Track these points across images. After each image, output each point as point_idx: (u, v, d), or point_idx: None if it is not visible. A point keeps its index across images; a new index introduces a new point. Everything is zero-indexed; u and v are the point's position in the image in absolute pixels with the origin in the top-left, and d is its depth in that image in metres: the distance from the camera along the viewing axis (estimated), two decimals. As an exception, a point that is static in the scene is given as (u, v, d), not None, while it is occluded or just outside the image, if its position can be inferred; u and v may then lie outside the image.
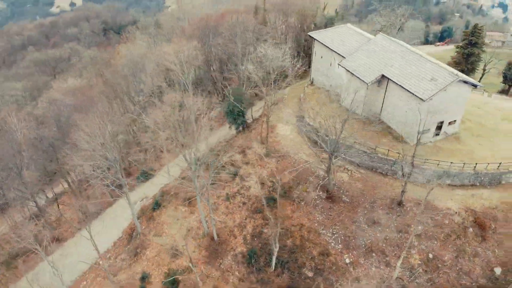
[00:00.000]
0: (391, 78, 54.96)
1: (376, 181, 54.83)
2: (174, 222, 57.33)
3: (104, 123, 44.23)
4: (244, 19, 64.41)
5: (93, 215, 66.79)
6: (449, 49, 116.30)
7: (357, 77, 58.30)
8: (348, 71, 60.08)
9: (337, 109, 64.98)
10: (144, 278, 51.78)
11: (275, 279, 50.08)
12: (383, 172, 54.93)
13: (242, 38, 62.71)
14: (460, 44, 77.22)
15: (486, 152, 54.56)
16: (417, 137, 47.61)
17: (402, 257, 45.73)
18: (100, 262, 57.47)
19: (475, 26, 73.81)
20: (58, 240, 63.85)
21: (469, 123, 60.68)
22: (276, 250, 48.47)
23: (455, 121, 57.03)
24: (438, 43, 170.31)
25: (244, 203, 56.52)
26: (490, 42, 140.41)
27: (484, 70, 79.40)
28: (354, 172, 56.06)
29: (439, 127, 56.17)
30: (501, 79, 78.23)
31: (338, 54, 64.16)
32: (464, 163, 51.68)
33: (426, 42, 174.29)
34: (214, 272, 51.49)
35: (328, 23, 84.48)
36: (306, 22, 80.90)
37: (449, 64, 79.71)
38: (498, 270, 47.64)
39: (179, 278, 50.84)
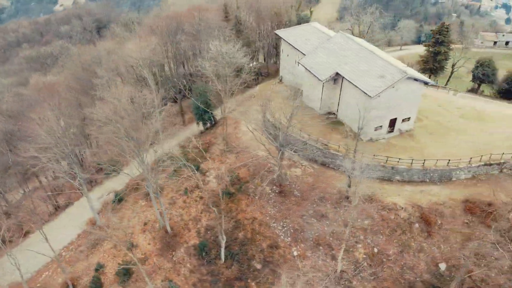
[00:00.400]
0: (344, 76, 55.87)
1: (327, 176, 55.82)
2: (132, 216, 58.66)
3: (56, 116, 45.55)
4: (209, 17, 65.50)
5: (62, 208, 68.65)
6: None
7: (313, 74, 59.25)
8: (306, 68, 61.04)
9: (298, 107, 66.14)
10: (98, 268, 53.12)
11: (224, 271, 51.20)
12: (334, 168, 55.89)
13: (205, 35, 63.87)
14: (428, 43, 77.88)
15: (437, 150, 55.31)
16: (357, 132, 48.42)
17: (342, 250, 46.68)
18: (63, 254, 59.18)
19: (442, 24, 74.34)
20: (27, 233, 65.65)
21: (426, 121, 61.45)
22: (223, 242, 49.66)
23: (409, 118, 57.76)
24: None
25: (201, 198, 57.72)
26: (482, 42, 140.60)
27: (453, 69, 79.91)
28: (308, 167, 57.07)
29: (392, 124, 56.94)
30: (471, 78, 78.80)
31: (301, 52, 65.14)
32: (412, 160, 52.50)
33: (418, 42, 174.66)
34: (166, 264, 52.72)
35: (302, 22, 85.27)
36: (278, 20, 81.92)
37: (418, 62, 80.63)
38: (443, 266, 48.36)
39: (132, 269, 52.25)
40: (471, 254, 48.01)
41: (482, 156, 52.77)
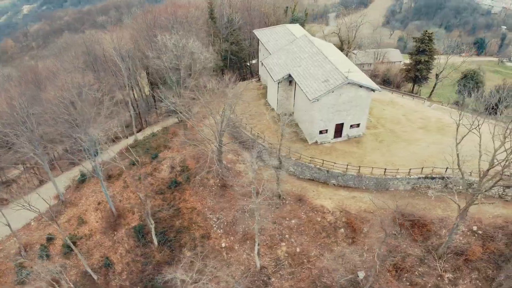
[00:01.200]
0: (294, 78, 56.75)
1: (267, 174, 56.98)
2: (90, 195, 63.03)
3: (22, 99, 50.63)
4: (184, 13, 68.29)
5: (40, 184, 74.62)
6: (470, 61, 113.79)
7: (270, 75, 60.56)
8: (266, 68, 62.41)
9: (261, 106, 67.80)
10: (49, 239, 57.95)
11: (156, 254, 54.18)
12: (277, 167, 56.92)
13: (181, 30, 66.80)
14: (411, 51, 75.98)
15: (379, 158, 54.83)
16: (281, 133, 49.32)
17: (257, 246, 47.99)
18: (32, 223, 64.80)
19: (425, 33, 72.28)
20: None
21: (382, 129, 60.79)
22: (152, 227, 52.61)
23: (358, 124, 57.55)
24: (462, 54, 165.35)
25: (151, 184, 60.97)
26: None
27: (437, 79, 77.33)
28: (252, 164, 58.47)
29: (339, 129, 57.06)
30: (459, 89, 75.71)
31: (269, 52, 66.51)
32: (347, 165, 52.56)
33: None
34: (107, 242, 56.54)
35: (295, 23, 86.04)
36: (269, 21, 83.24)
37: (400, 70, 79.04)
38: (361, 274, 48.30)
39: (77, 242, 56.67)
40: (391, 267, 47.89)
41: (422, 168, 51.78)
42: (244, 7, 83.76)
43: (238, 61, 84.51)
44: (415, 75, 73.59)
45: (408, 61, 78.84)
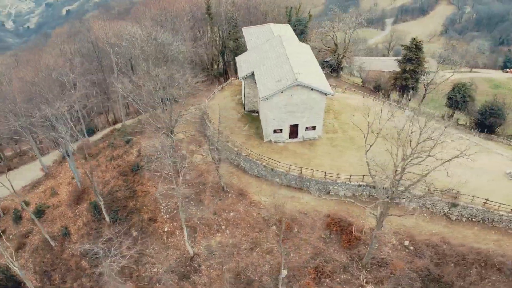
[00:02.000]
0: (255, 76, 57.93)
1: (224, 166, 58.72)
2: (68, 170, 68.36)
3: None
4: (179, 7, 71.35)
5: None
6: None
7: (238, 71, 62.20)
8: (237, 65, 64.05)
9: (235, 102, 69.57)
10: (26, 204, 63.85)
11: (106, 230, 57.77)
12: (229, 160, 58.48)
13: (172, 24, 70.17)
14: (399, 59, 73.36)
15: (327, 162, 54.54)
16: (218, 127, 50.73)
17: (186, 234, 50.05)
18: (21, 191, 71.55)
19: (413, 40, 69.61)
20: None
21: (340, 134, 60.20)
22: (101, 203, 56.43)
23: (314, 127, 57.50)
24: (507, 70, 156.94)
25: (119, 166, 64.95)
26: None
27: (425, 89, 74.09)
28: (208, 157, 60.50)
29: (294, 130, 57.38)
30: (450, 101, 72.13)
31: (248, 50, 68.05)
32: (290, 165, 52.96)
33: (505, 67, 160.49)
34: (69, 213, 61.33)
35: (299, 24, 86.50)
36: (265, 19, 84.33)
37: (389, 78, 76.93)
38: (284, 273, 48.65)
39: (45, 211, 62.13)
40: (312, 269, 47.86)
41: (364, 176, 50.98)
42: (245, 4, 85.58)
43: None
44: (401, 84, 71.22)
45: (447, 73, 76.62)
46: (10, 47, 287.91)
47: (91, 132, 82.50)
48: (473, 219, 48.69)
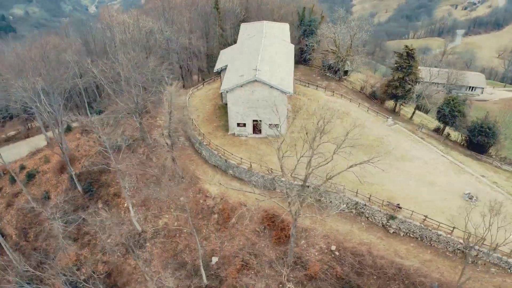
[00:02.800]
0: (224, 70, 59.81)
1: (186, 153, 61.41)
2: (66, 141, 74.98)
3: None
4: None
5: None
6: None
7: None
8: (219, 57, 66.24)
9: (216, 94, 71.77)
10: (23, 167, 71.26)
11: (79, 198, 63.17)
12: (195, 148, 60.95)
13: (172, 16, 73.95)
14: (392, 67, 70.39)
15: (275, 158, 54.95)
16: (169, 116, 52.93)
17: (132, 211, 53.40)
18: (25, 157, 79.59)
19: (406, 47, 66.48)
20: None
21: (304, 134, 59.93)
22: (72, 174, 61.62)
23: (277, 125, 58.03)
24: None
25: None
26: None
27: (417, 100, 70.37)
28: (181, 143, 63.46)
29: (257, 126, 58.42)
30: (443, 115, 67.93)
31: (238, 45, 69.91)
32: (241, 158, 54.26)
33: None
34: (54, 180, 67.48)
35: (311, 24, 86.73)
36: (271, 16, 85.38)
37: (382, 85, 74.51)
38: (214, 259, 50.44)
39: (35, 175, 68.98)
40: (240, 260, 49.00)
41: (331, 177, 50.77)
42: (256, 1, 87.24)
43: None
44: (392, 92, 68.55)
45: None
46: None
47: (100, 112, 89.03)
48: (411, 235, 46.84)
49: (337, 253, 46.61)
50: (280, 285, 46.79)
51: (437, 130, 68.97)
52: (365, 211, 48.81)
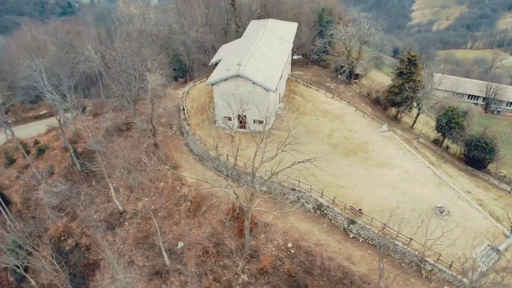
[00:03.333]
0: (218, 63, 61.52)
1: (177, 142, 63.89)
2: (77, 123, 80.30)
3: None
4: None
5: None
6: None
7: (217, 59, 66.29)
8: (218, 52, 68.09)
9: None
10: (36, 142, 77.31)
11: (77, 175, 67.63)
12: (183, 138, 63.34)
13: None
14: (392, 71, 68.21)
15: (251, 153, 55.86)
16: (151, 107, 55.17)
17: (114, 194, 56.69)
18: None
19: (408, 53, 64.23)
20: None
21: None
22: (71, 151, 66.04)
23: (261, 122, 58.91)
24: None
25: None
26: None
27: (418, 108, 67.63)
28: (169, 131, 66.06)
29: (243, 121, 59.67)
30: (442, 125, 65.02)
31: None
32: (218, 150, 55.61)
33: None
34: (59, 156, 72.59)
35: (327, 24, 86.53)
36: (285, 15, 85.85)
37: (384, 90, 72.82)
38: (180, 244, 52.45)
39: (45, 151, 74.69)
40: (202, 248, 50.64)
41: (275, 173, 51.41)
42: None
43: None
44: (392, 99, 66.67)
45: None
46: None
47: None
48: (370, 242, 46.13)
49: (292, 250, 46.93)
50: (235, 276, 47.96)
51: (436, 141, 66.51)
52: (328, 213, 48.64)
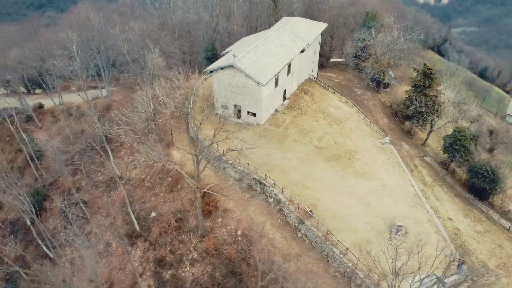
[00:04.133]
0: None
1: (181, 123, 68.02)
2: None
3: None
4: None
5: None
6: None
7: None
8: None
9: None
10: (78, 107, 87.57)
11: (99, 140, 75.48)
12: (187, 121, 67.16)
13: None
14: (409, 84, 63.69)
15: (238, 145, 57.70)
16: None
17: (112, 159, 62.64)
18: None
19: (424, 66, 59.85)
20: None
21: (281, 130, 60.96)
22: (95, 118, 73.84)
23: (254, 114, 60.67)
24: None
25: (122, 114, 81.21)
26: None
27: (431, 125, 62.54)
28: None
29: (238, 111, 61.97)
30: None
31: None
32: (206, 134, 58.76)
33: None
34: (91, 121, 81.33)
35: (362, 26, 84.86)
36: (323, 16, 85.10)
37: (400, 102, 69.52)
38: (153, 214, 56.78)
39: (83, 115, 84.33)
40: (168, 220, 54.29)
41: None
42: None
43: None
44: (403, 112, 63.03)
45: None
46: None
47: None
48: (314, 244, 45.84)
49: (239, 238, 48.44)
50: (188, 251, 50.95)
51: (443, 163, 62.14)
52: (284, 209, 49.12)
